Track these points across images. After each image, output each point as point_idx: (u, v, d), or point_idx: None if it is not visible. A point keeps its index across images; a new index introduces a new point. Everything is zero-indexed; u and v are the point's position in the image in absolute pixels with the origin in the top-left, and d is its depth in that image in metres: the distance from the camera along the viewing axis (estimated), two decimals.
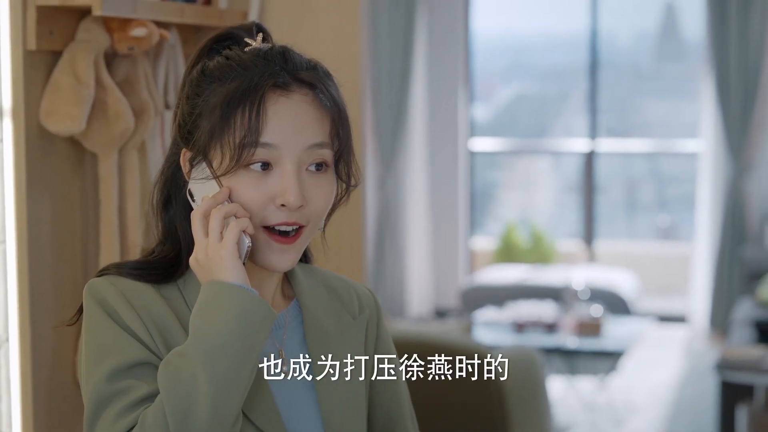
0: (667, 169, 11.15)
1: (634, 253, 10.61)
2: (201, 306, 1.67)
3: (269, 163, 1.73)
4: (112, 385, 1.68)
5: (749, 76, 9.02)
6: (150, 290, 1.77)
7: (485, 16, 10.35)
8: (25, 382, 2.60)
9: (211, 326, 1.64)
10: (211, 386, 1.62)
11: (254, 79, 1.73)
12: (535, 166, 11.33)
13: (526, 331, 7.37)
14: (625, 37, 10.99)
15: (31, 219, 2.56)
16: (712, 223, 9.29)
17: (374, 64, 9.75)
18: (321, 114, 1.76)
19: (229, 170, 1.72)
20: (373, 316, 1.96)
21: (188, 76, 1.81)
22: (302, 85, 1.75)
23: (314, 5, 3.16)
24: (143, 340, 1.72)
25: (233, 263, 1.69)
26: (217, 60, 1.78)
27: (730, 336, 7.28)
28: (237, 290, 1.67)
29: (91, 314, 1.75)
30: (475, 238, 10.51)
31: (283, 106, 1.73)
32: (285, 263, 1.77)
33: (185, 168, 1.79)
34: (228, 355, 1.63)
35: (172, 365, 1.64)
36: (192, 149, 1.77)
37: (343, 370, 1.85)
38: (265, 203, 1.73)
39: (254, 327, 1.66)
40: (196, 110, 1.76)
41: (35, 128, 2.56)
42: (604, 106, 10.33)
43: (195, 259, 1.73)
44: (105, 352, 1.71)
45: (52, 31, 2.56)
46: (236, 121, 1.71)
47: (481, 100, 10.94)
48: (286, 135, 1.72)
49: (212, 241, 1.70)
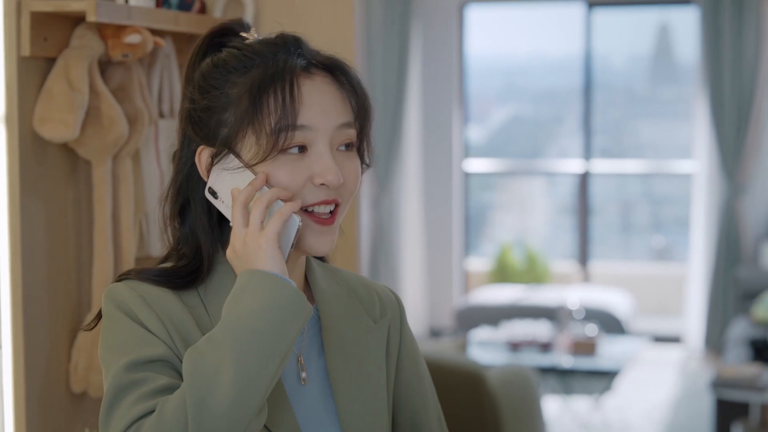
0: (661, 191, 11.16)
1: (628, 274, 10.61)
2: (235, 293, 1.64)
3: (304, 145, 1.72)
4: (130, 375, 1.65)
5: (743, 97, 9.04)
6: (170, 295, 1.74)
7: (480, 38, 10.37)
8: (18, 390, 2.59)
9: (243, 312, 1.61)
10: (236, 373, 1.57)
11: (280, 63, 1.72)
12: (530, 187, 11.33)
13: (520, 350, 7.36)
14: (619, 60, 11.01)
15: (24, 226, 2.55)
16: (707, 243, 9.30)
17: (369, 85, 9.76)
18: (343, 95, 1.76)
19: (267, 156, 1.69)
20: (395, 318, 1.94)
21: (194, 72, 1.79)
22: (321, 69, 1.76)
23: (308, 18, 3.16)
24: (164, 341, 1.69)
25: (273, 252, 1.66)
26: (227, 51, 1.76)
27: (725, 355, 7.27)
28: (273, 278, 1.63)
29: (110, 316, 1.72)
30: (470, 259, 10.51)
31: (311, 88, 1.72)
32: (326, 246, 1.76)
33: (205, 165, 1.76)
34: (257, 342, 1.59)
35: (198, 350, 1.61)
36: (215, 145, 1.74)
37: (362, 377, 1.83)
38: (304, 184, 1.72)
39: (287, 317, 1.62)
40: (216, 103, 1.74)
41: (29, 135, 2.55)
42: (598, 128, 10.34)
43: (232, 249, 1.69)
44: (124, 348, 1.68)
45: (46, 37, 2.56)
46: (269, 105, 1.69)
47: (476, 122, 10.96)
48: (318, 116, 1.72)
49: (252, 230, 1.67)
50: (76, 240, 2.72)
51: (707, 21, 9.08)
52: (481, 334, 7.71)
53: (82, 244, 2.73)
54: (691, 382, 8.27)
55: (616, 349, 7.42)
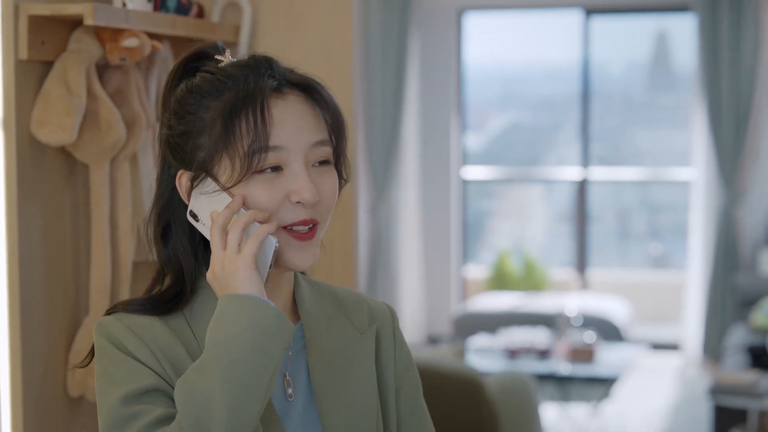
0: (659, 198, 11.16)
1: (626, 282, 10.61)
2: (216, 318, 1.67)
3: (279, 165, 1.74)
4: (126, 408, 1.68)
5: (741, 103, 9.05)
6: (157, 322, 1.76)
7: (478, 45, 10.38)
8: (15, 394, 2.59)
9: (226, 338, 1.64)
10: (228, 398, 1.61)
11: (251, 86, 1.74)
12: (528, 194, 11.33)
13: (518, 357, 7.35)
14: (617, 67, 11.02)
15: (22, 229, 2.54)
16: (705, 250, 9.30)
17: (367, 92, 9.77)
18: (316, 113, 1.78)
19: (242, 179, 1.72)
20: (386, 326, 1.95)
21: (170, 98, 1.81)
22: (293, 88, 1.78)
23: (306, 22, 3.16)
24: (154, 369, 1.72)
25: (249, 274, 1.69)
26: (200, 76, 1.79)
27: (723, 362, 7.27)
28: (251, 301, 1.66)
29: (101, 349, 1.75)
30: (468, 266, 10.50)
31: (282, 108, 1.74)
32: (307, 261, 1.77)
33: (185, 189, 1.79)
34: (243, 366, 1.62)
35: (188, 380, 1.64)
36: (192, 169, 1.77)
37: (348, 389, 1.84)
38: (280, 203, 1.74)
39: (270, 338, 1.65)
40: (191, 128, 1.76)
41: (26, 138, 2.55)
42: (596, 136, 10.34)
43: (212, 272, 1.73)
44: (117, 381, 1.71)
45: (43, 41, 2.55)
46: (241, 129, 1.71)
47: (474, 129, 10.96)
48: (291, 135, 1.74)
49: (230, 252, 1.70)
50: (74, 244, 2.72)
51: (705, 28, 9.09)
52: (479, 342, 7.71)
53: (80, 247, 2.73)
54: (690, 389, 8.27)
55: (614, 356, 7.41)
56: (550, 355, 7.36)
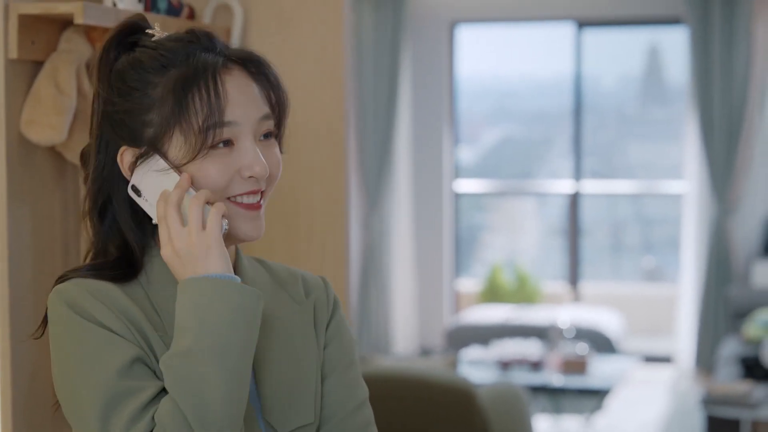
0: (651, 212, 11.16)
1: (619, 295, 10.60)
2: (195, 304, 1.68)
3: (230, 140, 1.75)
4: (122, 382, 1.69)
5: (733, 116, 9.06)
6: (115, 288, 1.77)
7: (470, 58, 10.39)
8: (5, 399, 2.57)
9: (215, 324, 1.66)
10: (224, 380, 1.65)
11: (200, 60, 1.75)
12: (520, 208, 11.33)
13: (511, 369, 7.34)
14: (609, 81, 11.03)
15: (11, 230, 2.53)
16: (697, 263, 9.30)
17: (359, 105, 9.77)
18: (259, 87, 1.80)
19: (196, 155, 1.73)
20: (321, 298, 1.96)
21: (107, 71, 1.80)
22: (236, 63, 1.79)
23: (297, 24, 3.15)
24: (125, 335, 1.73)
25: (220, 251, 1.71)
26: (141, 51, 1.78)
27: (716, 373, 7.26)
28: (229, 284, 1.69)
29: (65, 320, 1.74)
30: (460, 279, 10.50)
31: (232, 83, 1.76)
32: (256, 230, 1.81)
33: (127, 166, 1.79)
34: (235, 348, 1.67)
35: (177, 367, 1.66)
36: (139, 146, 1.77)
37: (286, 356, 1.86)
38: (230, 177, 1.76)
39: (252, 318, 1.70)
40: (137, 105, 1.76)
41: (16, 138, 2.53)
42: (588, 150, 10.35)
43: (173, 251, 1.73)
44: (98, 354, 1.71)
45: (33, 40, 2.54)
46: (195, 104, 1.72)
47: (466, 143, 10.96)
48: (242, 110, 1.76)
49: (195, 229, 1.71)
50: (63, 245, 2.71)
51: (697, 41, 9.10)
52: (472, 353, 7.70)
53: (70, 248, 2.72)
54: (682, 400, 8.26)
55: (606, 368, 7.41)
56: (543, 367, 7.35)
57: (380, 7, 9.75)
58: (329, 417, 1.88)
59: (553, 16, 10.02)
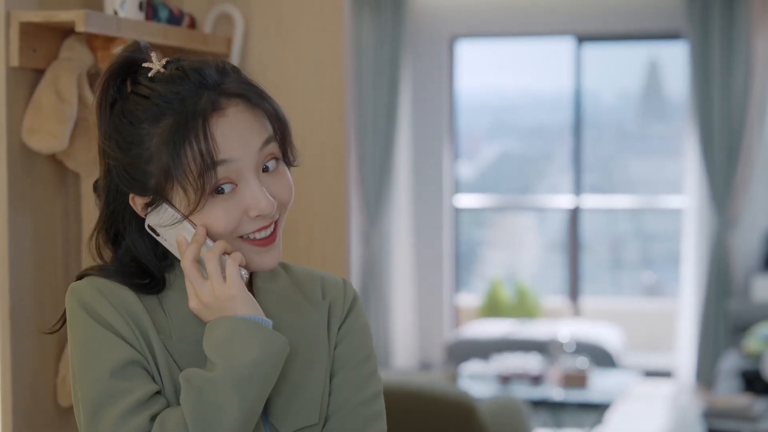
0: (651, 227, 11.16)
1: (619, 310, 10.60)
2: (226, 338, 1.73)
3: (232, 180, 1.76)
4: (112, 382, 1.73)
5: (732, 130, 9.07)
6: (131, 294, 1.80)
7: (470, 74, 10.40)
8: (5, 404, 2.57)
9: (241, 364, 1.72)
10: (241, 413, 1.72)
11: (188, 108, 1.74)
12: (520, 223, 11.33)
13: (511, 383, 7.33)
14: (609, 96, 11.04)
15: (12, 238, 2.53)
16: (697, 278, 9.30)
17: (359, 120, 9.78)
18: (256, 114, 1.78)
19: (198, 204, 1.74)
20: (338, 297, 1.97)
21: (105, 119, 1.80)
22: (231, 98, 1.77)
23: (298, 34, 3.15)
24: (126, 338, 1.76)
25: (245, 298, 1.76)
26: (134, 101, 1.77)
27: (716, 387, 7.26)
28: (258, 325, 1.75)
29: (75, 317, 1.78)
30: (460, 294, 10.49)
31: (224, 125, 1.75)
32: (271, 262, 1.83)
33: (140, 208, 1.81)
34: (256, 384, 1.73)
35: (199, 389, 1.71)
36: (146, 195, 1.78)
37: (297, 360, 1.87)
38: (239, 219, 1.78)
39: (276, 359, 1.75)
40: (139, 159, 1.76)
41: (17, 146, 2.54)
42: (588, 165, 10.35)
43: (200, 303, 1.77)
44: (95, 354, 1.74)
45: (35, 48, 2.55)
46: (187, 157, 1.72)
47: (466, 158, 10.97)
48: (237, 147, 1.75)
49: (217, 283, 1.76)
50: (64, 253, 2.71)
51: (696, 55, 9.12)
52: (472, 368, 7.69)
53: (70, 257, 2.72)
54: (683, 414, 8.25)
55: (607, 383, 7.40)
56: (543, 381, 7.34)
57: (380, 22, 9.76)
58: (333, 412, 1.89)
59: (552, 31, 10.03)
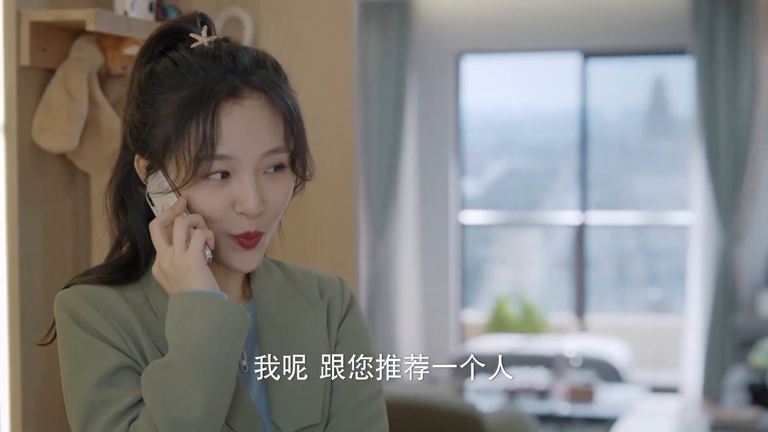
0: (657, 244, 11.15)
1: (625, 326, 10.58)
2: (179, 318, 1.69)
3: (227, 172, 1.73)
4: (100, 392, 1.70)
5: (738, 145, 9.07)
6: (113, 293, 1.78)
7: (476, 92, 10.41)
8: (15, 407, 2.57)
9: (193, 337, 1.67)
10: (202, 396, 1.65)
11: (206, 88, 1.71)
12: (526, 239, 11.33)
13: (518, 397, 7.32)
14: (614, 113, 11.05)
15: (22, 237, 2.54)
16: (704, 293, 9.28)
17: (365, 136, 9.79)
18: (274, 117, 1.75)
19: (186, 183, 1.72)
20: (336, 296, 1.95)
21: (135, 78, 1.79)
22: (254, 90, 1.73)
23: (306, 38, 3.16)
24: (115, 343, 1.74)
25: (202, 271, 1.71)
26: (164, 64, 1.75)
27: (723, 401, 7.24)
28: (213, 298, 1.69)
29: (64, 326, 1.77)
30: (466, 311, 10.48)
31: (237, 115, 1.71)
32: (249, 265, 1.79)
33: (142, 174, 1.79)
34: (214, 363, 1.66)
35: (156, 378, 1.67)
36: (146, 157, 1.77)
37: (295, 364, 1.85)
38: (225, 210, 1.74)
39: (235, 332, 1.69)
40: (149, 120, 1.74)
41: (28, 145, 2.55)
42: (594, 182, 10.35)
43: (159, 269, 1.74)
44: (83, 363, 1.73)
45: (45, 48, 2.56)
46: (190, 134, 1.70)
47: (472, 175, 10.97)
48: (241, 145, 1.72)
49: (178, 250, 1.72)
50: (74, 252, 2.71)
51: (702, 71, 9.12)
52: (478, 382, 7.68)
53: (80, 256, 2.73)
54: (689, 430, 8.22)
55: (613, 397, 7.39)
56: (550, 396, 7.33)
57: (386, 38, 9.78)
58: (334, 412, 1.87)
59: (558, 47, 10.04)
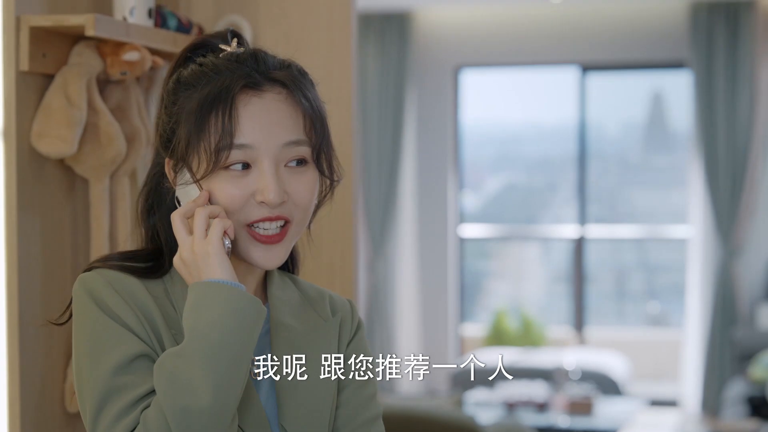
0: (656, 257, 11.15)
1: (624, 340, 10.57)
2: (193, 306, 1.69)
3: (248, 162, 1.76)
4: (118, 378, 1.71)
5: (737, 159, 9.08)
6: (136, 282, 1.80)
7: (474, 105, 10.41)
8: (13, 409, 2.57)
9: (206, 326, 1.67)
10: (212, 385, 1.64)
11: (225, 82, 1.75)
12: (525, 253, 11.32)
13: (517, 410, 7.31)
14: (613, 127, 11.05)
15: (21, 242, 2.54)
16: (703, 306, 9.28)
17: (364, 150, 9.79)
18: (295, 111, 1.78)
19: (207, 174, 1.74)
20: (347, 318, 1.97)
21: (165, 87, 1.84)
22: (275, 84, 1.78)
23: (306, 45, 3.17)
24: (136, 330, 1.75)
25: (221, 259, 1.72)
26: (191, 67, 1.81)
27: (722, 413, 7.23)
28: (228, 288, 1.69)
29: (84, 309, 1.77)
30: (465, 324, 10.47)
31: (256, 106, 1.75)
32: (271, 261, 1.81)
33: (170, 176, 1.83)
34: (225, 353, 1.66)
35: (167, 367, 1.67)
36: (173, 157, 1.80)
37: (307, 368, 1.86)
38: (245, 200, 1.76)
39: (248, 323, 1.69)
40: (173, 119, 1.79)
41: (27, 150, 2.55)
42: (592, 196, 10.36)
43: (180, 258, 1.76)
44: (103, 348, 1.73)
45: (44, 53, 2.56)
46: (210, 126, 1.74)
47: (471, 188, 10.97)
48: (260, 134, 1.75)
49: (198, 238, 1.73)
50: (73, 257, 2.71)
51: (700, 84, 9.14)
52: (477, 395, 7.67)
53: (79, 261, 2.73)
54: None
55: (612, 410, 7.38)
56: (549, 408, 7.33)
57: (385, 52, 9.80)
58: (339, 428, 1.89)
59: (557, 60, 10.05)
